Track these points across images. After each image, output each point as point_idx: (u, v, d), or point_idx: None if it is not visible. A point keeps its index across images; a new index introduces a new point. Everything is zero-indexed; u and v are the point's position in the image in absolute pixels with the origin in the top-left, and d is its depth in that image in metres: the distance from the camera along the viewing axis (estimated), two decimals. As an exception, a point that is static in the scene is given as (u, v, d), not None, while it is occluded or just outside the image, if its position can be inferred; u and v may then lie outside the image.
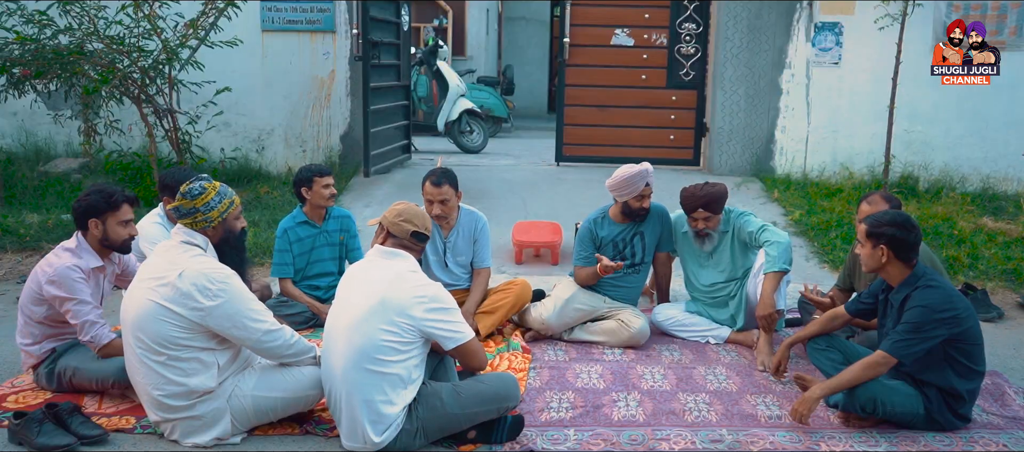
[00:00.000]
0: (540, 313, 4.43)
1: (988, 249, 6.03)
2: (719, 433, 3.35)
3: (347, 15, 8.17)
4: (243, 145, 8.34)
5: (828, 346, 3.62)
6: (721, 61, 8.25)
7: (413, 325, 2.99)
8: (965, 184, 7.86)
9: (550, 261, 5.94)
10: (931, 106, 7.91)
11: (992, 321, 4.82)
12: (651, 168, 4.36)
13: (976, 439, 3.31)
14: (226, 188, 3.26)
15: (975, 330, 3.29)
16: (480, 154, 10.68)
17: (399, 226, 3.18)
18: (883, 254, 3.30)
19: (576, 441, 3.26)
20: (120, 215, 3.57)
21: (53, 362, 3.60)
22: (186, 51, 6.77)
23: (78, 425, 3.18)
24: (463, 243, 4.53)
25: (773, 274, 4.05)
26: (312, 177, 4.59)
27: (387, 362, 2.97)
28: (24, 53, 6.31)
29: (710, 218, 4.31)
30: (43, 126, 8.55)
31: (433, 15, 15.71)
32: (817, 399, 3.31)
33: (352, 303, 3.06)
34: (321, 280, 4.71)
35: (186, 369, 3.04)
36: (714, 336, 4.44)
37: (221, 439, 3.15)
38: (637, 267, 4.51)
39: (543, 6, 18.61)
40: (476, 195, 7.46)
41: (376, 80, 8.04)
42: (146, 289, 3.05)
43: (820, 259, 5.97)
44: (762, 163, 8.31)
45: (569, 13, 8.68)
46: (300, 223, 4.66)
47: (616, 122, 8.81)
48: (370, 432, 2.99)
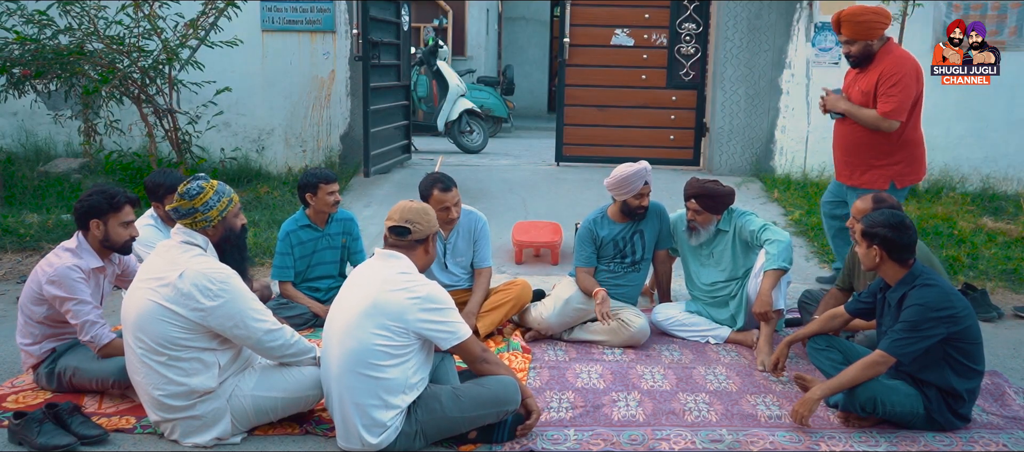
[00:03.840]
0: (540, 313, 4.44)
1: (988, 249, 6.03)
2: (719, 433, 3.36)
3: (347, 15, 8.18)
4: (243, 145, 8.34)
5: (828, 346, 3.63)
6: (721, 61, 8.25)
7: (406, 328, 2.97)
8: (965, 184, 7.86)
9: (550, 261, 5.94)
10: (931, 106, 7.80)
11: (992, 321, 4.82)
12: (649, 166, 4.37)
13: (976, 439, 3.31)
14: (224, 186, 3.26)
15: (974, 329, 3.29)
16: (480, 154, 10.68)
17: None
18: (877, 254, 3.32)
19: (576, 441, 3.26)
20: (122, 216, 3.57)
21: (53, 362, 3.60)
22: (186, 51, 6.77)
23: (78, 425, 3.18)
24: (463, 244, 4.53)
25: (772, 272, 4.06)
26: (317, 183, 4.56)
27: (382, 367, 2.95)
28: (24, 53, 6.32)
29: (700, 213, 4.33)
30: (43, 126, 8.55)
31: (433, 15, 15.71)
32: (817, 399, 3.31)
33: (347, 305, 3.06)
34: (321, 282, 4.71)
35: (187, 369, 3.04)
36: (714, 336, 4.44)
37: (221, 439, 3.15)
38: (637, 265, 4.52)
39: (543, 6, 18.62)
40: (476, 195, 7.46)
41: (376, 80, 8.04)
42: (147, 289, 3.05)
43: (820, 259, 5.97)
44: (762, 163, 8.31)
45: (569, 13, 8.68)
46: (302, 226, 4.65)
47: (616, 122, 8.82)
48: (365, 435, 2.98)
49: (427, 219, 3.18)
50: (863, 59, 4.60)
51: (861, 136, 4.66)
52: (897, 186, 4.70)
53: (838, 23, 4.59)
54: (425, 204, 3.25)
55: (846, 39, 4.58)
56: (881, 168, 4.68)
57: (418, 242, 3.16)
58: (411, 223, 3.12)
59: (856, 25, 4.52)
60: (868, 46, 4.56)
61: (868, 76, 4.57)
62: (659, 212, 4.56)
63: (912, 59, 4.62)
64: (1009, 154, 7.91)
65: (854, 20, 4.52)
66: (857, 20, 4.52)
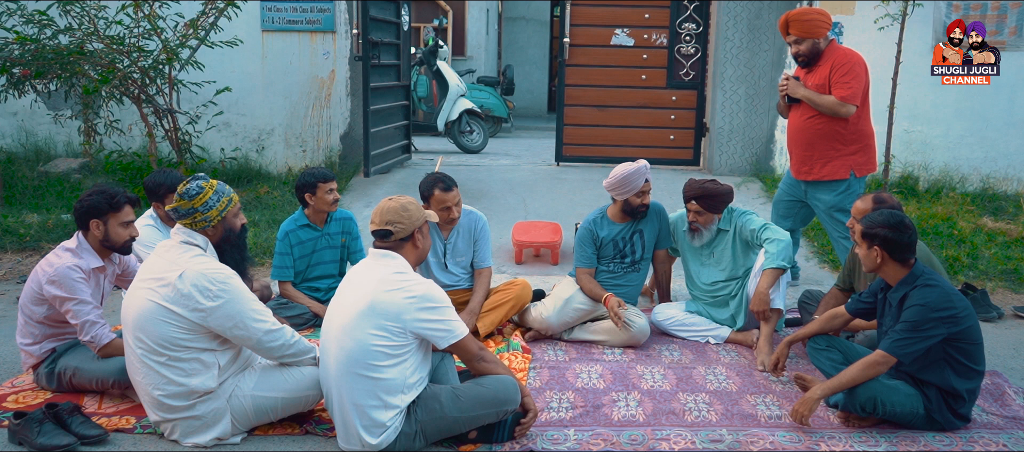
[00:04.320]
0: (540, 312, 4.44)
1: (988, 249, 6.04)
2: (719, 433, 3.36)
3: (347, 15, 8.18)
4: (243, 145, 8.34)
5: (828, 346, 3.63)
6: (721, 61, 8.25)
7: (404, 328, 2.97)
8: (965, 184, 7.86)
9: (550, 261, 5.94)
10: (931, 106, 7.91)
11: (992, 321, 4.83)
12: (647, 164, 4.37)
13: (976, 439, 3.31)
14: (224, 186, 3.25)
15: (974, 329, 3.29)
16: (480, 154, 10.68)
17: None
18: (878, 255, 3.32)
19: (576, 441, 3.26)
20: (122, 216, 3.57)
21: (53, 362, 3.60)
22: (186, 51, 6.77)
23: (78, 425, 3.18)
24: (463, 244, 4.53)
25: (770, 270, 4.06)
26: (316, 183, 4.56)
27: (380, 367, 2.95)
28: (24, 53, 6.32)
29: (702, 213, 4.34)
30: (43, 126, 8.55)
31: (433, 15, 15.71)
32: (817, 399, 3.31)
33: (344, 306, 3.05)
34: (321, 282, 4.71)
35: (187, 369, 3.04)
36: (714, 336, 4.45)
37: (221, 439, 3.15)
38: (637, 265, 4.52)
39: (543, 6, 18.62)
40: (476, 195, 7.46)
41: (376, 80, 8.04)
42: (147, 290, 3.05)
43: (820, 259, 5.97)
44: (762, 163, 8.31)
45: (569, 13, 8.68)
46: (302, 226, 4.65)
47: (616, 122, 8.82)
48: (364, 435, 2.98)
49: (407, 215, 3.12)
50: (812, 57, 4.89)
51: (821, 127, 4.88)
52: (857, 174, 4.93)
53: (786, 24, 4.88)
54: (405, 199, 3.18)
55: (795, 39, 4.87)
56: (841, 158, 4.90)
57: (404, 240, 3.13)
58: (391, 224, 3.10)
59: (804, 24, 4.82)
60: (816, 44, 4.85)
61: (820, 70, 4.86)
62: (659, 212, 4.57)
63: (859, 54, 4.93)
64: (1009, 154, 7.91)
65: (801, 19, 4.82)
66: (804, 19, 4.82)
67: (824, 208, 4.98)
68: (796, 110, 5.03)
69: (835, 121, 4.83)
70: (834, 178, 4.90)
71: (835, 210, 4.92)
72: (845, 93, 4.74)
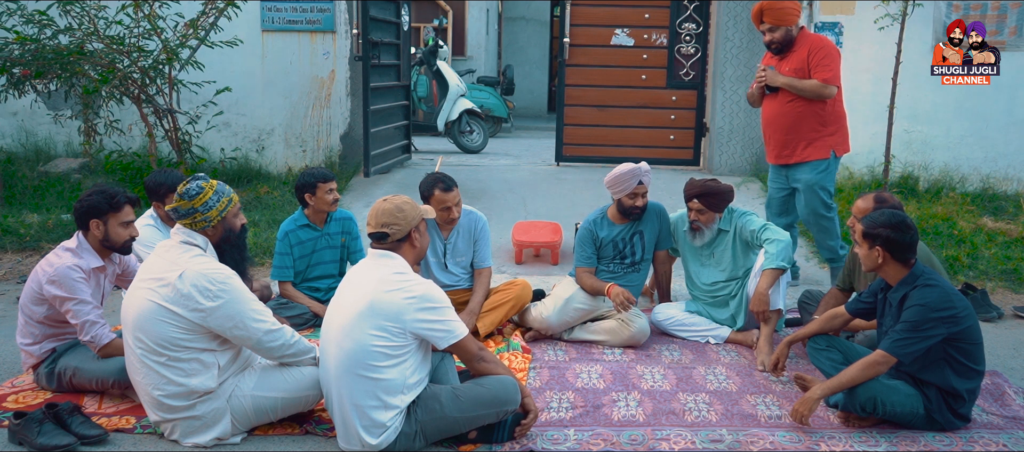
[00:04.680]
0: (540, 312, 4.44)
1: (988, 249, 6.03)
2: (719, 433, 3.36)
3: (347, 15, 8.17)
4: (243, 145, 8.34)
5: (828, 346, 3.63)
6: (721, 61, 8.25)
7: (403, 328, 2.97)
8: (965, 184, 7.86)
9: (550, 261, 5.94)
10: (931, 106, 7.91)
11: (992, 321, 4.82)
12: (647, 167, 4.37)
13: (976, 439, 3.31)
14: (224, 186, 3.25)
15: (974, 329, 3.29)
16: (480, 154, 10.68)
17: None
18: (879, 255, 3.31)
19: (576, 441, 3.26)
20: (122, 216, 3.57)
21: (53, 362, 3.60)
22: (186, 51, 6.77)
23: (78, 425, 3.18)
24: (463, 244, 4.53)
25: (770, 270, 4.06)
26: (316, 183, 4.56)
27: (380, 368, 2.95)
28: (24, 53, 6.32)
29: (703, 212, 4.34)
30: (43, 126, 8.55)
31: (433, 15, 15.71)
32: (817, 399, 3.31)
33: (343, 306, 3.05)
34: (321, 282, 4.71)
35: (187, 369, 3.04)
36: (714, 336, 4.45)
37: (221, 439, 3.15)
38: (637, 265, 4.53)
39: (543, 6, 18.62)
40: (476, 195, 7.46)
41: (376, 80, 8.04)
42: (146, 290, 3.05)
43: (820, 259, 5.97)
44: (762, 163, 8.30)
45: (569, 13, 8.68)
46: (301, 226, 4.65)
47: (616, 122, 8.81)
48: (364, 436, 2.98)
49: (402, 216, 3.11)
50: (785, 44, 5.09)
51: (801, 110, 5.06)
52: (837, 154, 5.15)
53: (760, 13, 5.07)
54: (400, 198, 3.17)
55: (769, 26, 5.07)
56: (822, 139, 5.10)
57: (401, 240, 3.13)
58: (387, 226, 3.09)
59: (777, 12, 5.02)
60: (788, 32, 5.07)
61: (795, 56, 5.06)
62: (659, 212, 4.57)
63: (831, 40, 5.18)
64: (1009, 154, 7.91)
65: (775, 7, 5.03)
66: (777, 7, 5.03)
67: (804, 186, 5.14)
68: (772, 97, 5.18)
69: (814, 103, 5.02)
70: (815, 158, 5.10)
71: (817, 187, 5.12)
72: (827, 75, 4.94)
